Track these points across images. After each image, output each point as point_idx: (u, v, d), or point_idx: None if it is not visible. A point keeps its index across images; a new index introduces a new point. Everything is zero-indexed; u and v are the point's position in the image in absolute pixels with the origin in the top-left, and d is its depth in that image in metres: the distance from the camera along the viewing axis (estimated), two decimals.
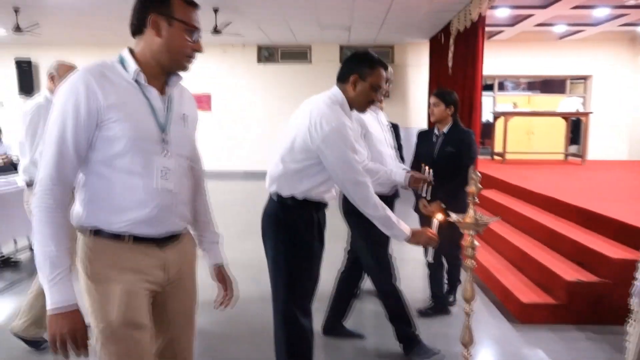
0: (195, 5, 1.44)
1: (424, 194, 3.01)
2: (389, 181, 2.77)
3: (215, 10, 7.43)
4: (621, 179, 6.22)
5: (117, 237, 1.38)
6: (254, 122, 10.90)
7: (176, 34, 1.39)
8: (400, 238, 2.05)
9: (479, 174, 2.06)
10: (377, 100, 2.13)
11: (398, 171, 2.75)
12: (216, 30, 7.65)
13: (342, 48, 10.67)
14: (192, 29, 1.42)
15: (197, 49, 1.44)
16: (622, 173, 6.98)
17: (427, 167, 2.84)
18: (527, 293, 3.46)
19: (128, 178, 1.36)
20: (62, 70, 2.93)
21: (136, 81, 1.38)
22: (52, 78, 2.97)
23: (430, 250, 2.22)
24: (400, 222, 2.05)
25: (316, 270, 2.20)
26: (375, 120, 2.97)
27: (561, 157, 8.78)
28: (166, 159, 1.41)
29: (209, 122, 10.63)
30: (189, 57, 1.44)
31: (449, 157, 3.25)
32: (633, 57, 10.07)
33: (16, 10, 7.35)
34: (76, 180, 1.40)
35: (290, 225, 2.08)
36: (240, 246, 4.22)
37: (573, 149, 9.69)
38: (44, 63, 10.46)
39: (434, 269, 3.44)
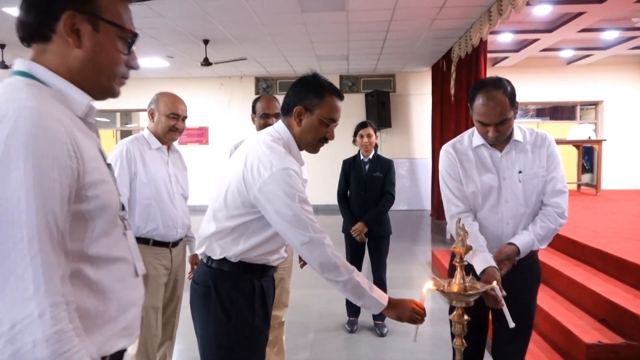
0: None
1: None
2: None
3: (206, 42, 7.19)
4: None
5: None
6: None
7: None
8: (375, 310, 1.59)
9: (467, 230, 1.60)
10: (330, 138, 1.69)
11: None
12: (207, 62, 7.37)
13: (342, 78, 10.39)
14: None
15: None
16: None
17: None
18: (540, 358, 2.93)
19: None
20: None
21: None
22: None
23: (416, 328, 1.66)
24: (375, 288, 1.59)
25: (259, 355, 1.70)
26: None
27: (574, 187, 8.25)
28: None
29: (206, 155, 10.30)
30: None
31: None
32: None
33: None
34: None
35: (224, 297, 1.60)
36: None
37: (586, 178, 9.14)
38: None
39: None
